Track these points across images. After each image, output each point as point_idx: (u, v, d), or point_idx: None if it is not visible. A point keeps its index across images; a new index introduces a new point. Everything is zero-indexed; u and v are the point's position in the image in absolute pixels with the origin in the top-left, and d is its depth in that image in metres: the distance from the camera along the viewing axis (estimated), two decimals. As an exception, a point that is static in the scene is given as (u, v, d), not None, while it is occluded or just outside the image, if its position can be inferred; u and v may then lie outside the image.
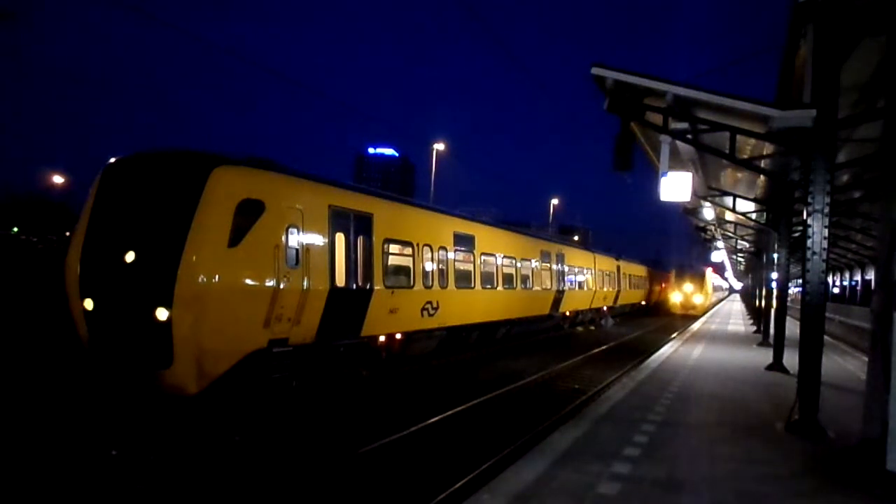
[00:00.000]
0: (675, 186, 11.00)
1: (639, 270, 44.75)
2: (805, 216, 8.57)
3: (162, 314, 9.23)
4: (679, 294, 50.77)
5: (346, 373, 12.75)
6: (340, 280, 11.97)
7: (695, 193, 16.62)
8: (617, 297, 37.25)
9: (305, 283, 10.91)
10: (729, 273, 77.20)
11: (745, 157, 12.49)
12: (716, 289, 72.71)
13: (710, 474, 6.58)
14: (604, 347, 23.41)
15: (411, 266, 14.83)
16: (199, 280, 9.29)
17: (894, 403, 5.97)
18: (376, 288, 13.15)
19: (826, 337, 9.93)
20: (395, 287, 13.95)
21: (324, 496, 7.10)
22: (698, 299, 50.52)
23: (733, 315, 46.13)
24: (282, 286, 10.36)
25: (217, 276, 9.44)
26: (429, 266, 15.68)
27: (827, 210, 8.04)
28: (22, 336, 14.84)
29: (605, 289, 33.90)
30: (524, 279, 22.18)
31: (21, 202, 63.78)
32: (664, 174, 10.73)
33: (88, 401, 10.02)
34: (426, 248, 15.51)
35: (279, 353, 10.53)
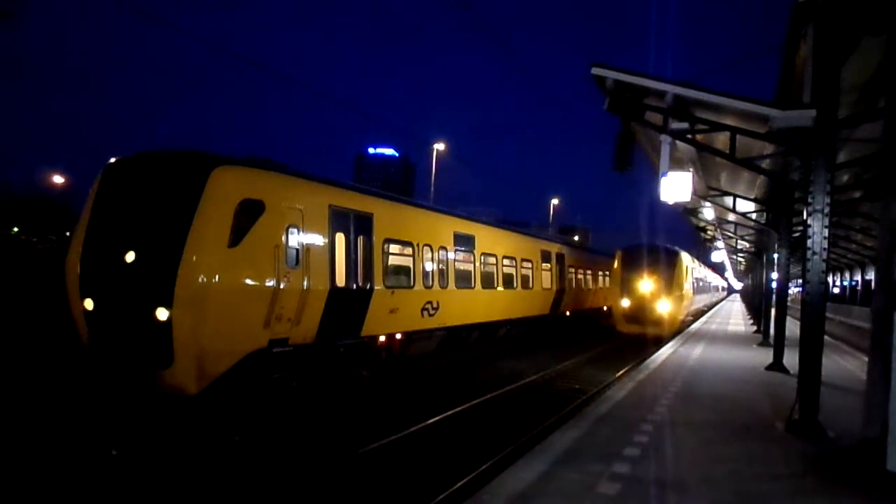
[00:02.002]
0: (675, 186, 11.00)
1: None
2: (805, 216, 8.56)
3: (162, 314, 9.23)
4: (626, 298, 26.54)
5: (346, 373, 12.75)
6: (340, 280, 11.97)
7: (695, 193, 16.62)
8: None
9: (305, 283, 10.91)
10: (729, 273, 76.94)
11: (745, 157, 12.47)
12: (705, 289, 45.28)
13: (710, 474, 6.58)
14: (604, 347, 23.41)
15: (411, 266, 14.82)
16: (200, 280, 9.29)
17: (894, 403, 5.97)
18: (376, 288, 13.15)
19: (826, 337, 9.91)
20: (395, 287, 13.94)
21: (323, 497, 7.11)
22: (664, 307, 25.95)
23: (733, 315, 46.09)
24: (282, 286, 10.36)
25: (217, 277, 9.44)
26: (429, 266, 15.67)
27: (827, 210, 8.04)
28: (22, 336, 14.84)
29: (604, 288, 33.87)
30: (524, 279, 22.17)
31: (21, 202, 63.76)
32: (664, 174, 10.73)
33: (88, 401, 10.03)
34: (426, 248, 15.50)
35: (279, 353, 10.54)
